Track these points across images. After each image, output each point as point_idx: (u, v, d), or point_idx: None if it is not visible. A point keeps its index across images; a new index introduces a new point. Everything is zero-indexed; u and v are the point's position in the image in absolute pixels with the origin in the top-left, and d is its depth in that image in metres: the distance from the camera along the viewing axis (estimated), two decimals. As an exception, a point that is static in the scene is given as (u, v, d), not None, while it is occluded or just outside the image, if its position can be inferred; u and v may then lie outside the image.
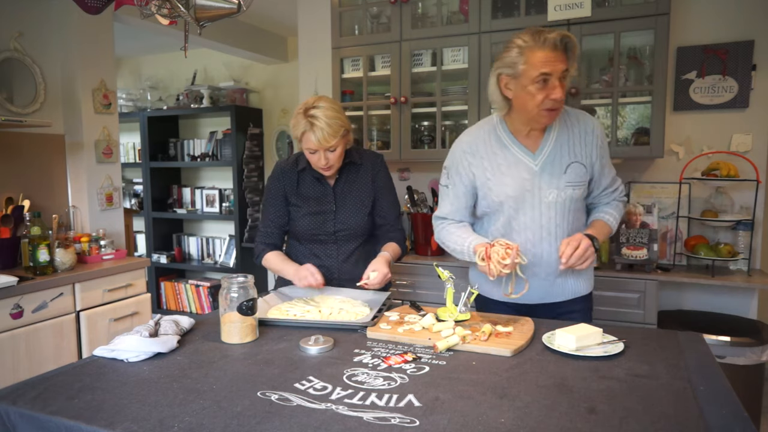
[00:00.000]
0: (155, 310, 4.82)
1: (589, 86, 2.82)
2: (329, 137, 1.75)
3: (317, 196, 1.94)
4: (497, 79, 1.62)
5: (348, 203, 1.94)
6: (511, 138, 1.70)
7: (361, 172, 1.96)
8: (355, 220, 1.93)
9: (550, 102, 1.55)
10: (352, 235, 1.95)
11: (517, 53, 1.54)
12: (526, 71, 1.53)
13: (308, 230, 1.94)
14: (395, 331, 1.48)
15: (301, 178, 1.95)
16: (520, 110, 1.63)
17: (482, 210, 1.76)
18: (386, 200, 1.98)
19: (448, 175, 1.78)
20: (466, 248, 1.68)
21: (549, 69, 1.51)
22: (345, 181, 1.95)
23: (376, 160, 2.00)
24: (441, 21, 2.94)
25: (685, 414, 1.01)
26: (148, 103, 4.92)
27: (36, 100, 2.97)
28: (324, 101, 1.81)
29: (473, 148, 1.72)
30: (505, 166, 1.68)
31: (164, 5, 1.64)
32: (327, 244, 1.95)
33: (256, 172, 4.75)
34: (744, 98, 2.69)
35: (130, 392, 1.12)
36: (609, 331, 1.47)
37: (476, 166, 1.71)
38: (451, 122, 3.15)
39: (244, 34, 4.25)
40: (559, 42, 1.51)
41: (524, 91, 1.56)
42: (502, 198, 1.68)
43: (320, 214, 1.92)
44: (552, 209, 1.67)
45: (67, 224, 3.09)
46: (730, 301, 2.77)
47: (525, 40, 1.54)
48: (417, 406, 1.05)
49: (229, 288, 1.45)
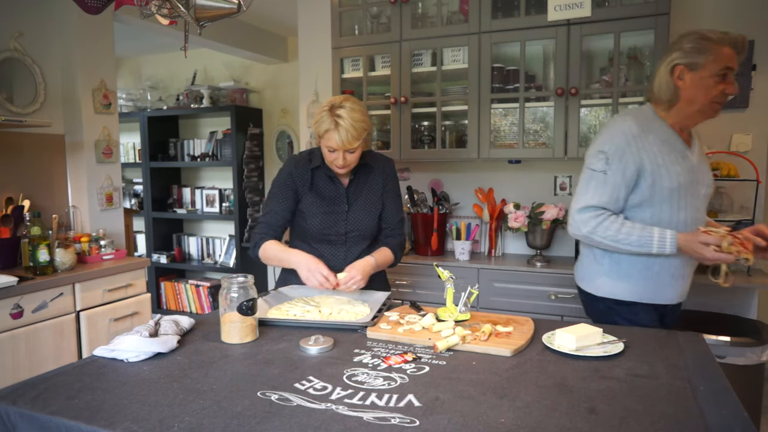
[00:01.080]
0: (155, 310, 4.82)
1: (589, 86, 2.82)
2: (353, 139, 1.75)
3: (330, 196, 1.92)
4: (671, 69, 1.69)
5: (359, 204, 1.93)
6: (670, 130, 1.75)
7: (372, 175, 1.95)
8: (366, 222, 1.92)
9: (723, 96, 1.66)
10: (361, 237, 1.94)
11: (703, 46, 1.63)
12: (709, 64, 1.63)
13: (319, 229, 1.91)
14: (395, 331, 1.48)
15: (315, 175, 1.93)
16: (688, 102, 1.69)
17: (641, 198, 1.70)
18: (392, 205, 1.98)
19: (607, 161, 1.69)
20: (663, 238, 1.62)
21: (732, 64, 1.64)
22: (358, 183, 1.94)
23: (387, 164, 2.00)
24: (441, 21, 2.94)
25: (685, 414, 1.01)
26: (148, 103, 4.92)
27: (36, 100, 2.97)
28: (350, 101, 1.80)
29: (642, 133, 1.70)
30: (673, 154, 1.71)
31: (164, 5, 1.64)
32: (336, 245, 1.93)
33: (256, 172, 4.75)
34: (744, 98, 2.69)
35: (130, 392, 1.12)
36: (609, 331, 1.47)
37: (646, 151, 1.68)
38: (451, 122, 3.15)
39: (244, 34, 4.25)
40: (740, 43, 1.64)
41: (701, 83, 1.65)
42: (674, 185, 1.68)
43: (332, 213, 1.91)
44: (702, 203, 1.77)
45: (67, 224, 3.09)
46: (730, 301, 2.77)
47: (712, 36, 1.63)
48: (417, 406, 1.05)
49: (229, 288, 1.45)
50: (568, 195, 3.08)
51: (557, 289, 2.71)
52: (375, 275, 1.93)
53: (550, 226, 2.86)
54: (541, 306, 2.73)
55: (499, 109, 2.97)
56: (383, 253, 1.93)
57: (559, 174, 3.09)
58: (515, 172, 3.17)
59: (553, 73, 2.82)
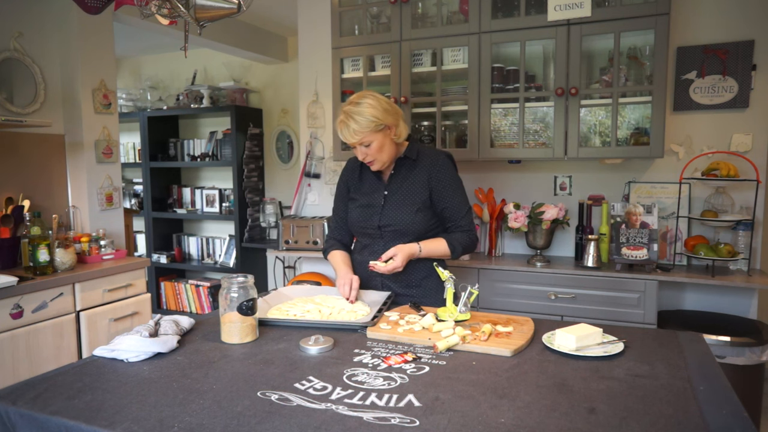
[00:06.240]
0: (155, 310, 4.82)
1: (589, 86, 2.82)
2: (353, 133, 1.78)
3: (371, 190, 1.96)
4: None
5: (397, 199, 1.91)
6: None
7: (417, 169, 1.92)
8: (401, 216, 1.89)
9: None
10: (399, 232, 1.90)
11: None
12: None
13: (357, 223, 1.96)
14: (395, 331, 1.48)
15: (363, 171, 1.99)
16: None
17: None
18: (451, 199, 1.91)
19: None
20: None
21: None
22: (398, 177, 1.93)
23: (436, 158, 1.92)
24: (441, 21, 2.94)
25: (685, 414, 1.01)
26: (148, 103, 4.92)
27: (36, 100, 2.97)
28: (365, 97, 1.81)
29: None
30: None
31: (164, 5, 1.64)
32: (374, 238, 1.95)
33: (256, 172, 4.75)
34: (744, 98, 2.69)
35: (130, 392, 1.12)
36: (609, 331, 1.47)
37: None
38: (451, 122, 3.15)
39: (244, 34, 4.25)
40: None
41: None
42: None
43: (369, 207, 1.94)
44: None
45: (67, 224, 3.09)
46: (730, 301, 2.77)
47: None
48: (417, 406, 1.05)
49: (229, 288, 1.45)
50: (568, 195, 3.08)
51: (557, 289, 2.71)
52: (430, 273, 1.91)
53: (550, 226, 2.86)
54: (541, 306, 2.73)
55: (499, 109, 2.97)
56: (435, 243, 1.90)
57: (559, 174, 3.09)
58: (515, 172, 3.17)
59: (553, 73, 2.82)
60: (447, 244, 1.90)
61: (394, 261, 1.79)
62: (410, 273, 1.91)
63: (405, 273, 1.89)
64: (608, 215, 2.84)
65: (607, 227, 2.83)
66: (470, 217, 1.95)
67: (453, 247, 1.90)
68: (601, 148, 2.80)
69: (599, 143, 2.88)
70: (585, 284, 2.66)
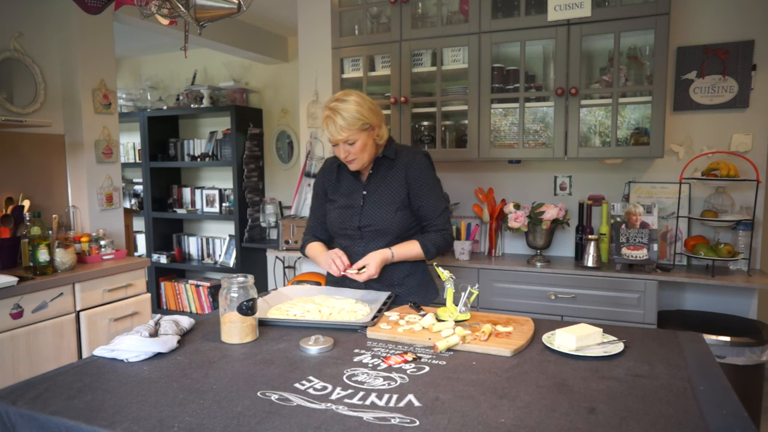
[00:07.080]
0: (155, 310, 4.82)
1: (589, 86, 2.82)
2: (340, 130, 1.77)
3: (349, 191, 1.95)
4: None
5: (376, 198, 1.91)
6: None
7: (394, 168, 1.91)
8: (381, 216, 1.88)
9: None
10: (378, 232, 1.89)
11: None
12: None
13: (337, 224, 1.95)
14: (395, 331, 1.48)
15: (340, 172, 1.98)
16: None
17: None
18: (426, 198, 1.90)
19: None
20: None
21: None
22: (377, 176, 1.93)
23: (413, 156, 1.91)
24: (441, 21, 2.94)
25: (685, 414, 1.01)
26: (148, 103, 4.92)
27: (36, 100, 2.97)
28: (350, 95, 1.81)
29: None
30: None
31: (164, 5, 1.64)
32: (354, 239, 1.93)
33: (256, 172, 4.75)
34: (744, 98, 2.69)
35: (130, 392, 1.12)
36: (609, 331, 1.47)
37: None
38: (451, 122, 3.15)
39: (244, 34, 4.25)
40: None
41: None
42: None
43: (348, 208, 1.92)
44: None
45: (67, 224, 3.09)
46: (730, 301, 2.77)
47: None
48: (417, 406, 1.05)
49: (229, 288, 1.44)
50: (568, 195, 3.08)
51: (557, 289, 2.71)
52: (412, 271, 1.94)
53: (550, 226, 2.86)
54: (541, 306, 2.73)
55: (499, 109, 2.97)
56: (408, 246, 1.89)
57: (559, 174, 3.09)
58: (515, 172, 3.17)
59: (553, 73, 2.82)
60: (420, 246, 1.90)
61: (368, 269, 1.80)
62: (391, 272, 1.91)
63: (386, 273, 1.90)
64: (608, 215, 2.84)
65: (607, 227, 2.83)
66: (446, 216, 1.94)
67: (426, 248, 1.91)
68: (601, 148, 2.80)
69: (599, 143, 2.88)
70: (585, 284, 2.66)
